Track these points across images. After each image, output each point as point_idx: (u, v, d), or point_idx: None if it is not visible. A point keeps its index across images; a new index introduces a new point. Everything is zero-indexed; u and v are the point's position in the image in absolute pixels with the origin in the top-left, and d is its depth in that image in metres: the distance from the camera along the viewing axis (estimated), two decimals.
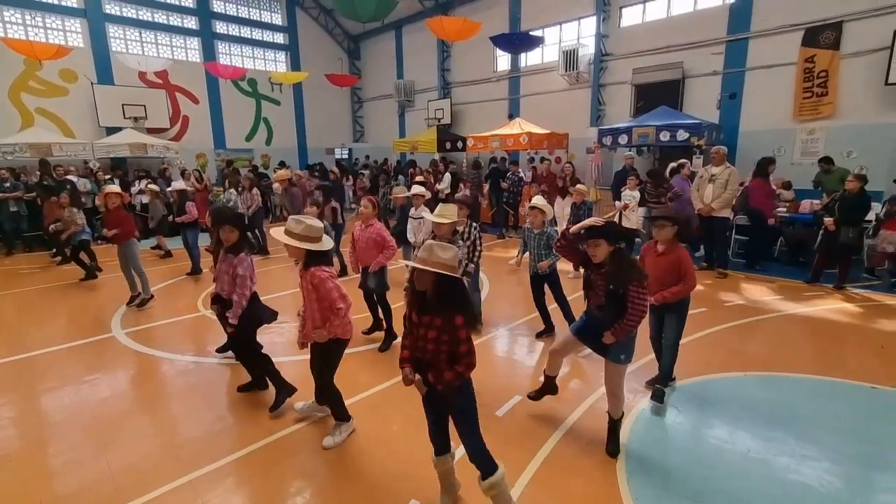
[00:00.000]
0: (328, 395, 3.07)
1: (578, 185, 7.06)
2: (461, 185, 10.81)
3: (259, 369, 3.60)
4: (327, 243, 2.87)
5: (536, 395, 3.34)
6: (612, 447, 2.89)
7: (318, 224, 2.82)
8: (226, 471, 2.81)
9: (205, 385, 3.92)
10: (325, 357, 2.98)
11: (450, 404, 2.22)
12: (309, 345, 3.02)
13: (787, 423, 3.18)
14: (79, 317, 5.72)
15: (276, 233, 2.84)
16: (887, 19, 8.01)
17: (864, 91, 8.41)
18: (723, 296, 5.98)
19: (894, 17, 7.95)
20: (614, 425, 2.93)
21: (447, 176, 11.84)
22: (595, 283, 2.79)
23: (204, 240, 7.50)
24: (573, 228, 2.89)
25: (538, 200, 4.51)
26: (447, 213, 3.94)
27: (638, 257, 3.40)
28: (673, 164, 8.46)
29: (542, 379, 3.35)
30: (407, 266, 4.18)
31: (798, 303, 5.67)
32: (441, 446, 2.35)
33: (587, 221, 2.83)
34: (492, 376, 3.95)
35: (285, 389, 3.46)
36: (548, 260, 4.40)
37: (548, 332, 4.74)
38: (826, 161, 7.93)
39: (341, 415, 3.08)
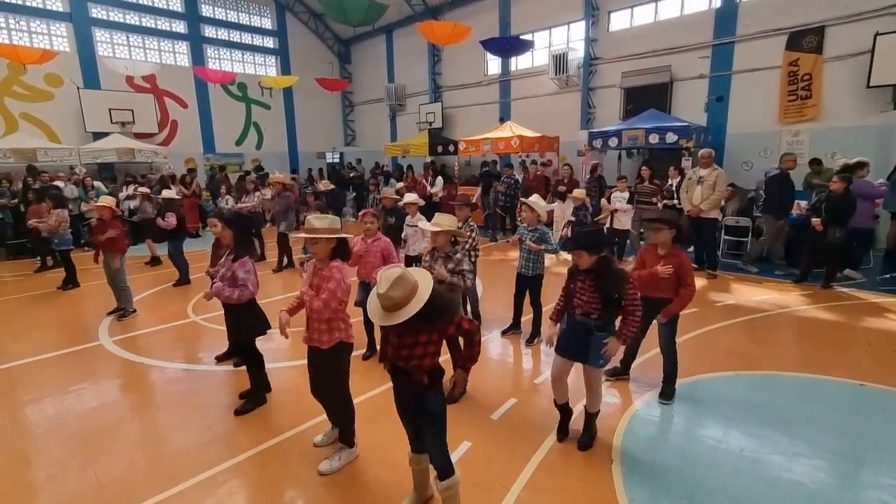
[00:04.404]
0: (343, 411, 2.89)
1: (576, 190, 7.28)
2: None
3: (257, 371, 3.62)
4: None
5: (562, 436, 3.09)
6: (586, 439, 2.97)
7: (336, 217, 2.88)
8: (217, 480, 2.76)
9: (196, 393, 3.87)
10: (335, 365, 2.84)
11: (421, 412, 2.23)
12: (309, 366, 2.93)
13: (778, 422, 3.21)
14: (65, 325, 5.61)
15: (313, 228, 2.75)
16: (868, 24, 8.20)
17: (846, 93, 8.59)
18: (713, 296, 6.04)
19: (875, 21, 8.15)
20: (590, 419, 3.03)
21: (439, 179, 11.84)
22: (581, 289, 2.84)
23: (188, 247, 7.42)
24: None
25: (533, 198, 4.57)
26: (443, 222, 3.62)
27: (635, 257, 3.47)
28: (848, 161, 6.76)
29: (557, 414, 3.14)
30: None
31: (787, 302, 5.74)
32: (419, 447, 2.37)
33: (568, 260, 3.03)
34: (486, 379, 3.94)
35: (261, 399, 3.61)
36: (543, 245, 4.37)
37: (513, 329, 4.87)
38: (816, 163, 8.07)
39: (348, 438, 2.92)
